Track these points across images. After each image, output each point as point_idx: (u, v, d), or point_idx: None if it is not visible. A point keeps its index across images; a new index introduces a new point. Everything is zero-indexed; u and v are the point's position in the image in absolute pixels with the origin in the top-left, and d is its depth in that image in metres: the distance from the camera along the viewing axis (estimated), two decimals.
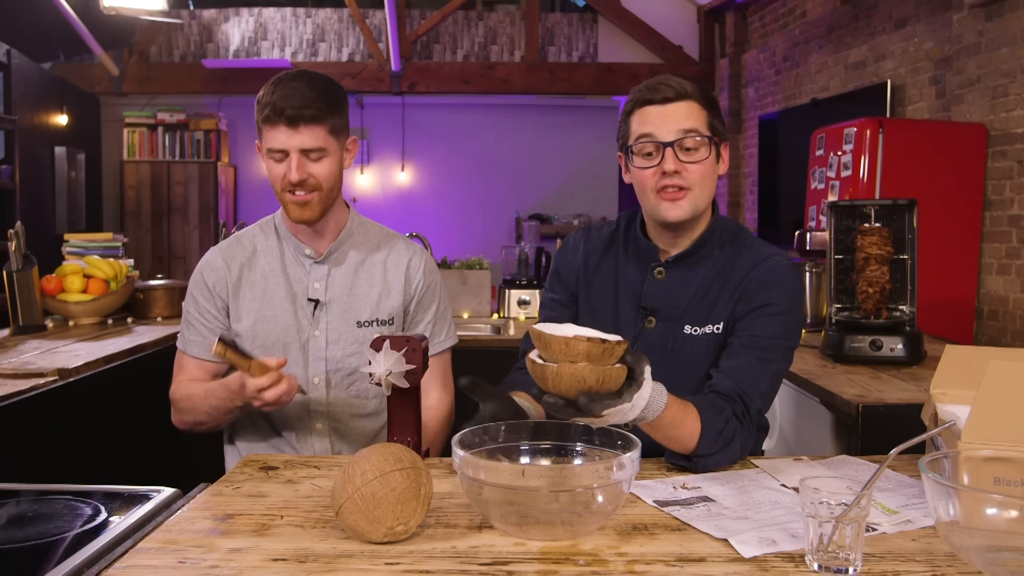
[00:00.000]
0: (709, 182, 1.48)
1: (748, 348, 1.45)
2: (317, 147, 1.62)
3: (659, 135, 1.45)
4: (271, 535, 1.10)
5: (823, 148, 3.72)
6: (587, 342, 1.09)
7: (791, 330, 1.49)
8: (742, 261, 1.52)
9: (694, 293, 1.52)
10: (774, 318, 1.46)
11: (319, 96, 1.61)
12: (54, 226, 6.21)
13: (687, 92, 1.46)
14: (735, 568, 0.99)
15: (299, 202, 1.65)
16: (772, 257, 1.51)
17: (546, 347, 1.11)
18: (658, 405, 1.22)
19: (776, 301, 1.47)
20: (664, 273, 1.54)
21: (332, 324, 1.72)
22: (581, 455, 1.21)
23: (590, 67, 7.14)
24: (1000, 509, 0.88)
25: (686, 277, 1.53)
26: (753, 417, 1.44)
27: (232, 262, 1.75)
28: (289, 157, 1.62)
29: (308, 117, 1.60)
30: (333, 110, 1.64)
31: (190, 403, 1.68)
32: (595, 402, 1.10)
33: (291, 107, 1.58)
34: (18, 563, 1.04)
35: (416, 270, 1.79)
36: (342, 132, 1.68)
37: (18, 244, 2.78)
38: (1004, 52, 3.39)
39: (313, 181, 1.64)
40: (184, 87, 7.07)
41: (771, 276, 1.49)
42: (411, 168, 7.64)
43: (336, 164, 1.68)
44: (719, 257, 1.53)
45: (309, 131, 1.61)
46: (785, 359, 1.50)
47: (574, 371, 1.09)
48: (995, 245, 3.50)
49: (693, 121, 1.45)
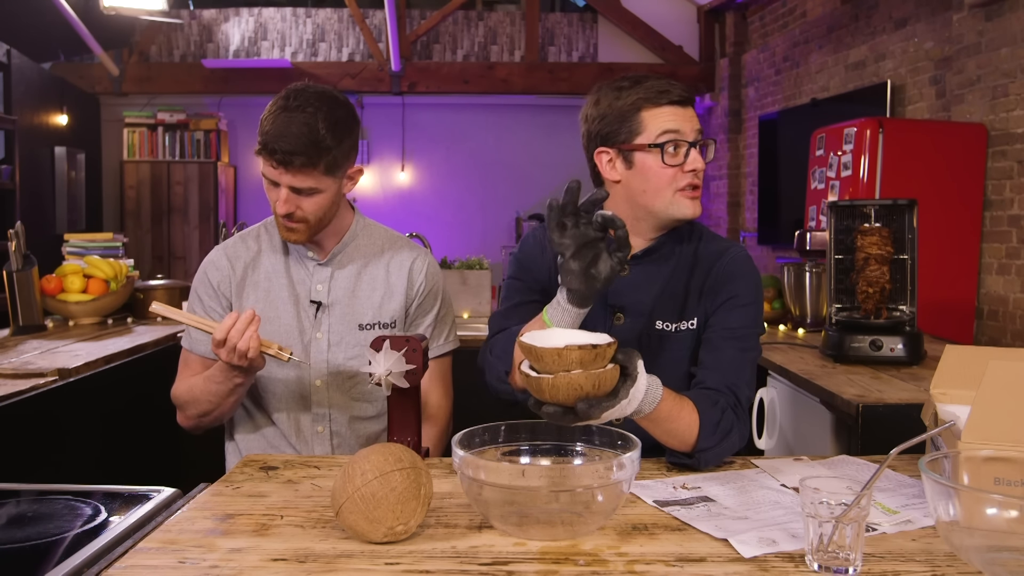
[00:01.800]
0: None
1: (726, 340, 1.48)
2: (308, 187, 1.59)
3: (686, 135, 1.48)
4: (271, 535, 1.10)
5: (823, 148, 3.72)
6: (579, 350, 1.09)
7: (759, 317, 1.55)
8: (703, 254, 1.56)
9: (661, 289, 1.54)
10: (744, 308, 1.51)
11: (315, 140, 1.53)
12: (54, 226, 6.21)
13: (691, 96, 1.52)
14: (735, 568, 0.99)
15: (287, 227, 1.65)
16: (730, 249, 1.57)
17: (538, 359, 1.11)
18: (654, 397, 1.23)
19: (743, 292, 1.52)
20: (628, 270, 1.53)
21: (334, 326, 1.72)
22: (581, 455, 1.21)
23: (590, 67, 7.14)
24: (1000, 509, 0.88)
25: (650, 273, 1.55)
26: (744, 407, 1.46)
27: (236, 261, 1.75)
28: (280, 190, 1.59)
29: (298, 164, 1.54)
30: (329, 149, 1.56)
31: (192, 395, 1.67)
32: (593, 407, 1.11)
33: (281, 150, 1.53)
34: (18, 563, 1.04)
35: (419, 273, 1.79)
36: (341, 165, 1.62)
37: (18, 244, 2.79)
38: (1004, 52, 3.39)
39: (300, 214, 1.62)
40: (184, 87, 7.07)
41: (735, 268, 1.54)
42: (411, 168, 7.64)
43: (329, 199, 1.63)
44: (680, 252, 1.56)
45: (301, 173, 1.56)
46: (757, 345, 1.54)
47: (570, 380, 1.09)
48: (995, 245, 3.50)
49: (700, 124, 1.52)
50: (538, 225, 1.65)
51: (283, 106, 1.56)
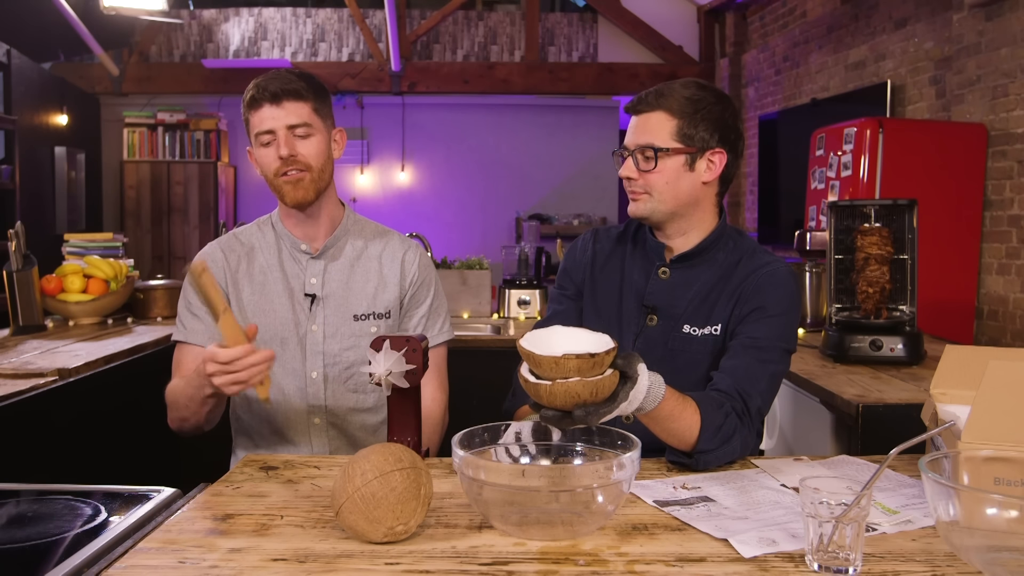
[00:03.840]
0: (671, 188, 1.53)
1: (747, 348, 1.48)
2: (303, 122, 1.66)
3: (626, 144, 1.56)
4: (271, 535, 1.10)
5: (823, 148, 3.72)
6: (576, 359, 1.09)
7: (788, 333, 1.53)
8: (742, 266, 1.56)
9: (695, 294, 1.56)
10: (772, 320, 1.50)
11: (300, 78, 1.68)
12: (54, 226, 6.21)
13: (658, 103, 1.52)
14: (735, 568, 0.99)
15: (291, 181, 1.67)
16: (771, 263, 1.56)
17: (537, 366, 1.12)
18: (656, 396, 1.23)
19: (773, 304, 1.51)
20: (668, 273, 1.59)
21: (329, 318, 1.73)
22: (581, 455, 1.21)
23: (590, 67, 7.14)
24: (1000, 509, 0.88)
25: (689, 278, 1.57)
26: (754, 416, 1.44)
27: (231, 255, 1.77)
28: (276, 136, 1.65)
29: (291, 92, 1.65)
30: (315, 92, 1.69)
31: (173, 396, 1.65)
32: (591, 414, 1.12)
33: (273, 86, 1.65)
34: (18, 563, 1.04)
35: (411, 264, 1.81)
36: (327, 116, 1.73)
37: (18, 244, 2.78)
38: (1004, 52, 3.39)
39: (302, 159, 1.67)
40: (184, 87, 7.07)
41: (769, 280, 1.53)
42: (411, 168, 7.64)
43: (324, 145, 1.71)
44: (722, 261, 1.57)
45: (293, 107, 1.65)
46: (783, 361, 1.52)
47: (567, 387, 1.10)
48: (995, 245, 3.50)
49: (653, 134, 1.52)
50: (592, 229, 1.73)
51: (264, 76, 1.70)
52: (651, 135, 1.52)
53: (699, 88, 1.54)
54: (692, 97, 1.52)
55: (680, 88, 1.53)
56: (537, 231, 4.43)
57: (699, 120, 1.52)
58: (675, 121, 1.52)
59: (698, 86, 1.54)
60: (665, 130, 1.52)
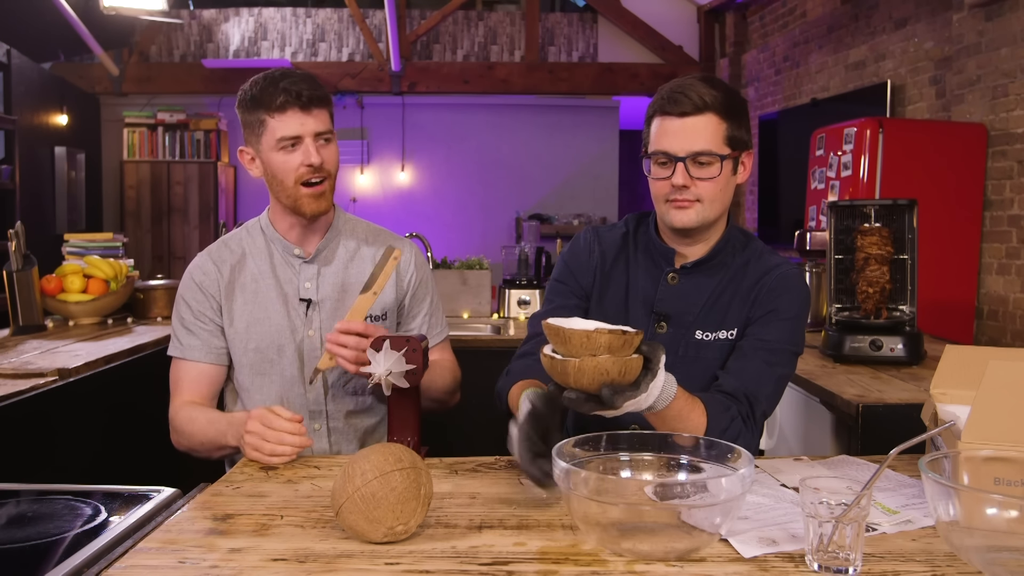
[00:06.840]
0: (721, 195, 1.47)
1: (756, 350, 1.46)
2: (327, 129, 1.65)
3: (672, 151, 1.43)
4: (271, 535, 1.10)
5: (823, 148, 3.72)
6: (608, 334, 1.08)
7: (798, 336, 1.51)
8: (752, 269, 1.53)
9: (707, 300, 1.52)
10: (782, 323, 1.48)
11: (317, 82, 1.66)
12: (54, 226, 6.21)
13: (706, 104, 1.42)
14: (735, 568, 0.99)
15: (315, 194, 1.65)
16: (781, 266, 1.53)
17: (565, 342, 1.10)
18: (668, 395, 1.23)
19: (784, 307, 1.49)
20: (677, 279, 1.53)
21: (325, 323, 1.72)
22: (686, 468, 1.14)
23: (590, 67, 7.14)
24: (1000, 509, 0.88)
25: (699, 282, 1.53)
26: (758, 419, 1.44)
27: (222, 265, 1.74)
28: (303, 143, 1.62)
29: (319, 99, 1.63)
30: (329, 98, 1.69)
31: (189, 429, 1.64)
32: (617, 394, 1.10)
33: (305, 90, 1.60)
34: (18, 563, 1.04)
35: (407, 264, 1.79)
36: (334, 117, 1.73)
37: (18, 244, 2.78)
38: (1004, 52, 3.39)
39: (328, 167, 1.66)
40: (184, 87, 7.06)
41: (781, 283, 1.51)
42: (411, 168, 7.64)
43: (338, 151, 1.71)
44: (731, 265, 1.54)
45: (320, 114, 1.64)
46: (791, 364, 1.51)
47: (597, 364, 1.09)
48: (995, 245, 3.50)
49: (707, 139, 1.42)
50: (590, 227, 1.65)
51: (268, 75, 1.65)
52: (706, 140, 1.42)
53: (724, 85, 1.47)
54: (733, 97, 1.45)
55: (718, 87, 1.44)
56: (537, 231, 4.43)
57: (742, 121, 1.46)
58: (725, 124, 1.43)
59: (722, 83, 1.47)
60: (719, 135, 1.43)
